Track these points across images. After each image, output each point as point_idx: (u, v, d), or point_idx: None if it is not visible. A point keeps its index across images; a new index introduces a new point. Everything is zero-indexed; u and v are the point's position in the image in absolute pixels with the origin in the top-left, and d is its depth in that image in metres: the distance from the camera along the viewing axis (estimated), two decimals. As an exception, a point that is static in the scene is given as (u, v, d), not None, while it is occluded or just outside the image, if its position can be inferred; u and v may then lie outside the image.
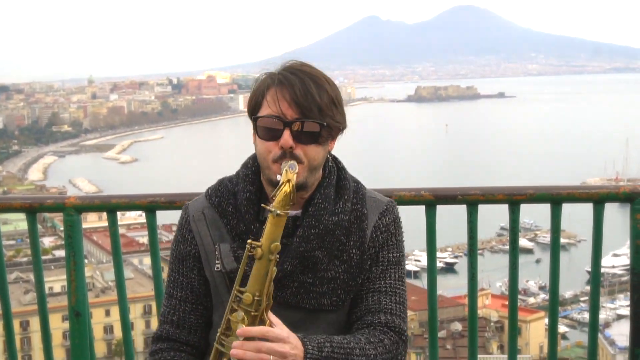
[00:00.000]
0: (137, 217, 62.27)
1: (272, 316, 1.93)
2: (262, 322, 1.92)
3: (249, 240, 1.92)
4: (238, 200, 2.16)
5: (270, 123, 2.05)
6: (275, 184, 2.02)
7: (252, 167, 2.19)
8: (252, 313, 1.91)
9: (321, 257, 2.12)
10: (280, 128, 2.04)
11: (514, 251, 3.17)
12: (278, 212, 1.89)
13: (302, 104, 2.03)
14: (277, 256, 1.92)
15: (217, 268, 2.14)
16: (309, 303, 2.12)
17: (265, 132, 2.07)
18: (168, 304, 2.25)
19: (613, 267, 62.24)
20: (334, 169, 2.22)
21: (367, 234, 2.18)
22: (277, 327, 1.92)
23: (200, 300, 2.22)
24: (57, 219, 65.15)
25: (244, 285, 1.94)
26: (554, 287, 3.18)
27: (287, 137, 2.03)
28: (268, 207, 1.91)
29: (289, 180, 1.92)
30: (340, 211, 2.14)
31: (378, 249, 2.19)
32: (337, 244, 2.13)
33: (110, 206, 3.26)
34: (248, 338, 1.89)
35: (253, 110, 2.12)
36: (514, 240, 3.16)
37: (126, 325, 3.39)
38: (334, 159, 2.24)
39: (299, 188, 2.07)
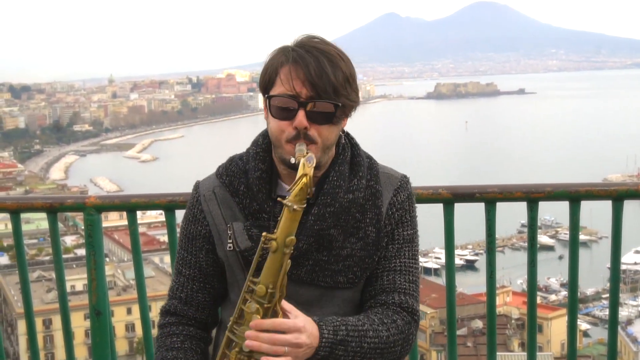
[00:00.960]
0: (157, 215, 62.44)
1: (286, 304, 1.90)
2: (274, 314, 1.90)
3: (263, 233, 1.90)
4: (249, 179, 2.12)
5: (285, 102, 2.00)
6: (287, 164, 2.01)
7: (263, 144, 2.15)
8: (265, 305, 1.89)
9: (336, 235, 2.09)
10: (294, 107, 1.99)
11: (533, 248, 3.16)
12: (295, 207, 1.86)
13: (317, 83, 1.97)
14: (292, 250, 1.89)
15: (230, 248, 2.11)
16: (324, 281, 2.09)
17: (279, 111, 2.02)
18: (177, 280, 2.23)
19: (635, 263, 61.82)
20: (348, 146, 2.18)
21: (383, 211, 2.14)
22: (292, 315, 1.90)
23: (209, 280, 2.20)
24: (79, 217, 65.47)
25: (257, 276, 1.91)
26: (573, 284, 3.18)
27: (301, 118, 1.98)
28: (284, 202, 1.88)
29: (306, 175, 1.88)
30: (355, 188, 2.11)
31: (394, 227, 2.16)
32: (352, 221, 2.11)
33: (130, 206, 3.28)
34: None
35: (266, 86, 2.07)
36: (532, 238, 3.16)
37: (146, 324, 3.40)
38: (347, 134, 2.21)
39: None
